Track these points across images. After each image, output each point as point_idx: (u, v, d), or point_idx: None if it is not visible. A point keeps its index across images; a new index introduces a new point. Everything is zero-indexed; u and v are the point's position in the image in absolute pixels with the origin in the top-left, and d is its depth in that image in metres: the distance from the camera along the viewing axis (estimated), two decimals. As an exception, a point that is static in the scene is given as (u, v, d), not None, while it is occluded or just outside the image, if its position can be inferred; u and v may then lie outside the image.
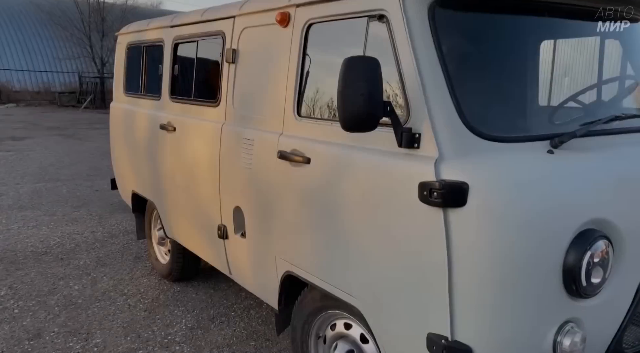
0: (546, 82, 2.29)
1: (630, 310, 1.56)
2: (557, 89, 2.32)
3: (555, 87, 2.31)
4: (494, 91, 1.80)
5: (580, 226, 1.44)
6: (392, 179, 1.65)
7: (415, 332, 1.60)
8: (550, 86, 2.24)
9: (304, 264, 2.06)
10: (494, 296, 1.43)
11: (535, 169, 1.49)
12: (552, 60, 2.27)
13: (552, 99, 2.23)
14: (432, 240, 1.52)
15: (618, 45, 2.31)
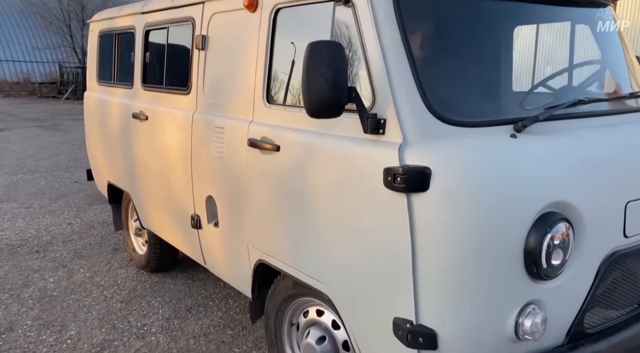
0: (512, 68, 2.29)
1: (591, 291, 1.58)
2: (524, 74, 2.32)
3: (521, 72, 2.31)
4: (459, 76, 1.79)
5: (541, 209, 1.44)
6: (359, 166, 1.64)
7: (382, 317, 1.60)
8: (516, 72, 2.24)
9: (275, 252, 2.05)
10: (457, 280, 1.44)
11: (498, 153, 1.49)
12: (519, 45, 2.27)
13: (517, 84, 2.23)
14: (396, 225, 1.52)
15: (588, 30, 2.31)
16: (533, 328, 1.46)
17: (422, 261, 1.48)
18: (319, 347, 1.99)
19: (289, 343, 2.21)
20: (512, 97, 2.09)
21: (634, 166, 1.66)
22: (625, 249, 1.64)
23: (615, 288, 1.69)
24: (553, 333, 1.57)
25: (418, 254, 1.48)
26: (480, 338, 1.47)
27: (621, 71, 2.29)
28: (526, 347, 1.51)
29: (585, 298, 1.59)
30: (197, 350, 2.66)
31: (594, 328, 1.64)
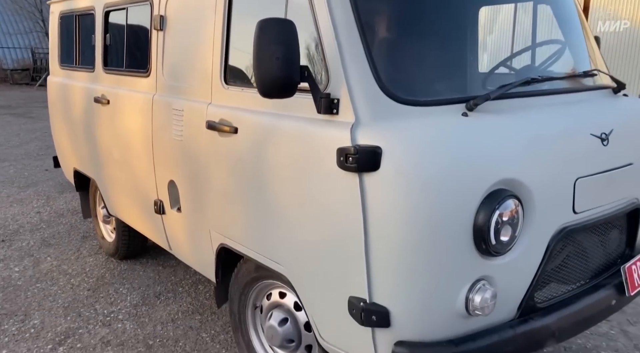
0: (475, 48, 2.29)
1: (541, 266, 1.60)
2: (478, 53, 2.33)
3: (476, 52, 2.31)
4: (412, 55, 1.78)
5: (490, 187, 1.45)
6: (314, 147, 1.63)
7: (338, 297, 1.61)
8: (471, 51, 2.24)
9: (236, 236, 2.04)
10: (408, 258, 1.45)
11: (448, 132, 1.49)
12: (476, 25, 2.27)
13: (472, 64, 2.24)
14: (349, 205, 1.51)
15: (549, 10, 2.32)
16: (483, 304, 1.48)
17: (374, 240, 1.48)
18: (281, 328, 2.00)
19: (253, 327, 2.21)
20: (472, 77, 2.09)
21: (584, 143, 1.68)
22: (575, 225, 1.66)
23: (566, 263, 1.73)
24: (504, 308, 1.60)
25: (370, 233, 1.49)
26: (431, 315, 1.49)
27: (581, 50, 2.30)
28: (477, 322, 1.54)
29: (536, 273, 1.61)
30: (164, 335, 2.65)
31: (544, 303, 1.68)
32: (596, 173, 1.70)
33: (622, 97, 2.05)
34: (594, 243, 1.82)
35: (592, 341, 2.55)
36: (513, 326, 1.56)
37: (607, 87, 2.06)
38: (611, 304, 1.79)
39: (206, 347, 2.55)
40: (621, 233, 1.95)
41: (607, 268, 1.92)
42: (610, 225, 1.87)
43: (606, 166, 1.73)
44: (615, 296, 1.80)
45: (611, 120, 1.80)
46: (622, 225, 1.94)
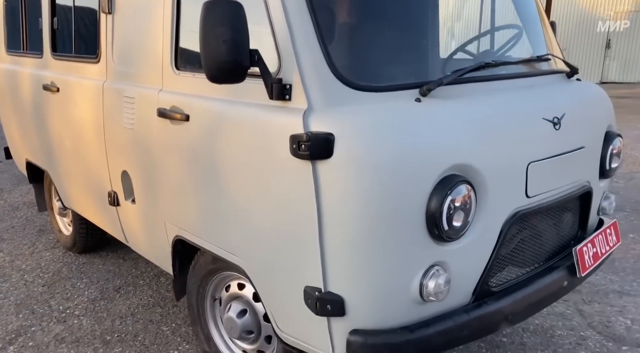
0: (435, 33, 2.27)
1: (495, 251, 1.62)
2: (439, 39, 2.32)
3: (437, 37, 2.30)
4: (366, 39, 1.74)
5: (442, 172, 1.45)
6: (266, 134, 1.58)
7: (294, 287, 1.59)
8: (431, 36, 2.23)
9: (191, 227, 1.98)
10: (361, 246, 1.43)
11: (401, 117, 1.47)
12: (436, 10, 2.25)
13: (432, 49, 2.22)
14: (303, 193, 1.48)
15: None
16: (437, 290, 1.48)
17: (328, 228, 1.46)
18: (240, 320, 1.96)
19: (212, 319, 2.17)
20: (430, 63, 2.07)
21: (536, 127, 1.69)
22: (528, 209, 1.68)
23: (519, 247, 1.75)
24: (459, 293, 1.60)
25: (324, 221, 1.46)
26: (386, 302, 1.48)
27: (537, 36, 2.32)
28: (432, 308, 1.54)
29: (489, 258, 1.63)
30: (122, 330, 2.57)
31: (499, 287, 1.70)
32: (548, 157, 1.72)
33: (574, 82, 2.08)
34: (547, 227, 1.85)
35: (549, 321, 2.63)
36: (467, 311, 1.57)
37: (561, 71, 2.09)
38: (563, 286, 1.83)
39: (167, 340, 2.49)
40: (574, 216, 1.99)
41: (561, 250, 1.96)
42: (563, 208, 1.90)
43: (558, 150, 1.76)
44: (567, 278, 1.84)
45: (563, 104, 1.82)
46: (575, 207, 1.98)
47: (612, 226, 2.09)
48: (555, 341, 2.46)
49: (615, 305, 2.80)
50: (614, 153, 2.07)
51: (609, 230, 2.06)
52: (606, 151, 2.03)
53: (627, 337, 2.49)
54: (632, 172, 5.44)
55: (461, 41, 2.33)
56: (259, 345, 1.99)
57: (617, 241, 2.11)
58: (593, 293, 2.92)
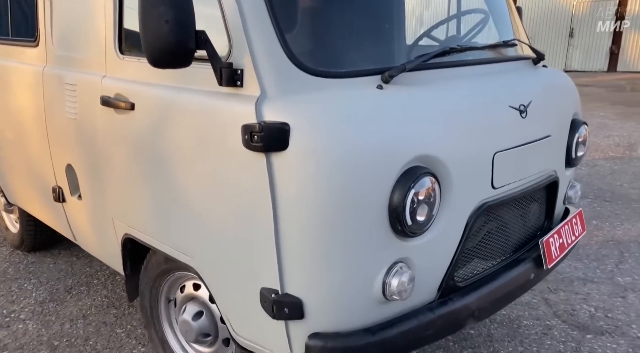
0: (400, 18, 2.18)
1: (460, 245, 1.55)
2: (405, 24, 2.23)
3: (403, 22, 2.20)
4: (325, 21, 1.63)
5: (405, 164, 1.36)
6: (216, 124, 1.45)
7: (250, 289, 1.48)
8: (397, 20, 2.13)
9: (140, 225, 1.84)
10: (320, 244, 1.33)
11: (361, 106, 1.37)
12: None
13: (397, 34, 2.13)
14: (257, 188, 1.37)
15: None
16: (400, 288, 1.40)
17: (284, 226, 1.35)
18: (196, 323, 1.84)
19: (167, 322, 2.04)
20: (395, 48, 1.98)
21: (502, 116, 1.62)
22: (494, 200, 1.62)
23: (486, 240, 1.69)
24: (424, 289, 1.53)
25: (280, 218, 1.35)
26: (347, 303, 1.39)
27: (503, 21, 2.25)
28: (396, 307, 1.46)
29: (455, 252, 1.56)
30: (72, 334, 2.41)
31: (465, 282, 1.63)
32: (515, 146, 1.65)
33: (541, 69, 2.03)
34: (513, 218, 1.79)
35: (515, 311, 2.61)
36: (432, 308, 1.50)
37: (527, 58, 2.03)
38: (530, 278, 1.79)
39: (120, 343, 2.35)
40: (540, 206, 1.95)
41: (527, 241, 1.92)
42: (530, 199, 1.85)
43: (525, 139, 1.69)
44: (533, 270, 1.80)
45: (530, 91, 1.75)
46: (541, 197, 1.94)
47: (578, 215, 2.07)
48: (521, 332, 2.45)
49: (579, 293, 2.81)
50: (579, 141, 2.04)
51: (574, 220, 2.03)
52: (572, 139, 1.99)
53: (591, 325, 2.50)
54: (594, 159, 5.55)
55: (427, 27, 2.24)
56: (217, 348, 1.88)
57: (583, 230, 2.09)
58: (558, 281, 2.93)
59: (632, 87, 10.80)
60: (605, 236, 3.55)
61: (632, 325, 2.50)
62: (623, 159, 5.56)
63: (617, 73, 14.01)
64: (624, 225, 3.74)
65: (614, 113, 8.14)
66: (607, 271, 3.06)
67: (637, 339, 2.38)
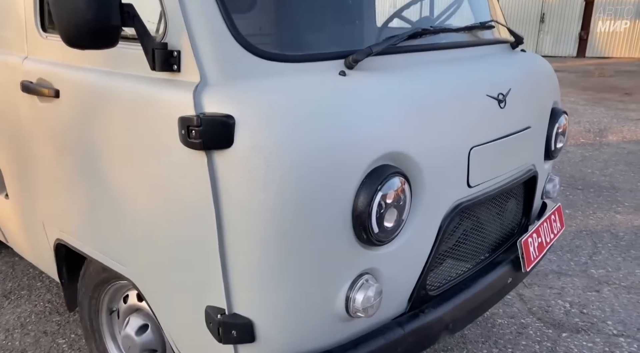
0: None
1: (433, 250, 1.38)
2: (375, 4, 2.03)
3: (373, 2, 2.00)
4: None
5: (371, 163, 1.17)
6: (151, 115, 1.23)
7: (193, 306, 1.28)
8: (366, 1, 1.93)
9: (72, 229, 1.61)
10: (272, 257, 1.14)
11: (321, 95, 1.17)
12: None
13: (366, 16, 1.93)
14: (197, 192, 1.16)
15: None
16: (366, 304, 1.23)
17: (229, 236, 1.15)
18: (139, 338, 1.63)
19: (110, 335, 1.83)
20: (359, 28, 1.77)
21: (479, 106, 1.45)
22: (470, 200, 1.46)
23: (460, 243, 1.54)
24: (393, 302, 1.37)
25: (224, 228, 1.15)
26: (304, 322, 1.21)
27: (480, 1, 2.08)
28: (361, 324, 1.30)
29: (427, 259, 1.39)
30: (6, 347, 2.17)
31: (437, 290, 1.48)
32: (493, 139, 1.49)
33: (519, 53, 1.86)
34: (490, 217, 1.64)
35: (490, 309, 2.50)
36: (401, 324, 1.33)
37: (505, 41, 1.86)
38: (507, 283, 1.65)
39: (62, 356, 2.12)
40: (517, 203, 1.81)
41: (504, 241, 1.78)
42: (507, 196, 1.71)
43: (503, 132, 1.53)
44: (511, 274, 1.66)
45: (509, 78, 1.59)
46: (519, 194, 1.79)
47: (557, 211, 1.94)
48: (496, 331, 2.34)
49: (554, 287, 2.72)
50: (559, 132, 1.90)
51: (553, 216, 1.90)
52: (552, 130, 1.85)
53: (566, 322, 2.41)
54: (566, 146, 5.52)
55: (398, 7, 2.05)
56: (164, 365, 1.68)
57: (562, 227, 1.96)
58: (533, 275, 2.84)
59: (600, 72, 10.91)
60: (579, 226, 3.49)
61: (608, 321, 2.42)
62: (594, 145, 5.55)
63: (586, 58, 14.19)
64: (597, 214, 3.69)
65: (583, 99, 8.18)
66: (581, 263, 2.98)
67: (613, 336, 2.30)
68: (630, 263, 2.96)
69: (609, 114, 7.00)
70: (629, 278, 2.81)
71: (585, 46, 14.45)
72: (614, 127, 6.28)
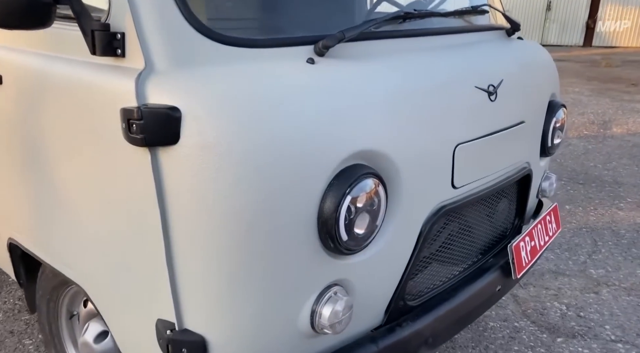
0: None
1: (412, 258, 1.25)
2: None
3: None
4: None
5: (340, 163, 1.04)
6: (93, 106, 1.10)
7: (143, 319, 1.16)
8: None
9: (22, 229, 1.49)
10: (227, 268, 1.01)
11: (284, 85, 1.03)
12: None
13: None
14: (142, 194, 1.03)
15: None
16: (333, 319, 1.10)
17: (178, 243, 1.02)
18: (98, 345, 1.51)
19: (71, 340, 1.71)
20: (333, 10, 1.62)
21: (466, 99, 1.30)
22: (455, 203, 1.32)
23: (444, 248, 1.40)
24: (368, 314, 1.24)
25: (172, 235, 1.02)
26: (264, 340, 1.08)
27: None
28: (329, 340, 1.17)
29: (406, 267, 1.26)
30: (-30, 348, 2.07)
31: (417, 300, 1.35)
32: (481, 136, 1.35)
33: (516, 41, 1.71)
34: (478, 219, 1.51)
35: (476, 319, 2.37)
36: (375, 339, 1.21)
37: (500, 28, 1.70)
38: (496, 291, 1.52)
39: (28, 358, 2.02)
40: (510, 203, 1.67)
41: (494, 244, 1.65)
42: (498, 196, 1.57)
43: (494, 127, 1.39)
44: (500, 281, 1.53)
45: (501, 69, 1.44)
46: (512, 193, 1.65)
47: (553, 211, 1.80)
48: (487, 335, 2.22)
49: (550, 288, 2.60)
50: (557, 127, 1.75)
51: (548, 217, 1.76)
52: (549, 124, 1.70)
53: (561, 326, 2.28)
54: (568, 138, 5.35)
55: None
56: (126, 374, 1.57)
57: (558, 228, 1.83)
58: (528, 275, 2.71)
59: (607, 62, 10.67)
60: (579, 223, 3.35)
61: (606, 325, 2.30)
62: (597, 137, 5.38)
63: (593, 48, 13.91)
64: (598, 210, 3.55)
65: (588, 89, 7.98)
66: (579, 262, 2.85)
67: (611, 342, 2.18)
68: (631, 263, 2.83)
69: (614, 106, 6.81)
70: (629, 279, 2.69)
71: (592, 34, 14.15)
72: (618, 119, 6.10)
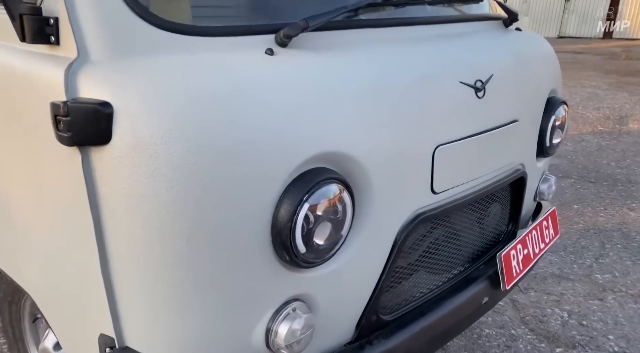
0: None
1: (385, 269, 1.13)
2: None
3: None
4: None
5: (299, 166, 0.92)
6: (26, 99, 1.00)
7: (88, 332, 1.06)
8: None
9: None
10: (168, 280, 0.91)
11: (236, 78, 0.91)
12: None
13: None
14: (75, 198, 0.93)
15: None
16: (290, 338, 0.99)
17: (114, 253, 0.93)
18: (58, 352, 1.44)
19: (35, 344, 1.63)
20: None
21: (449, 96, 1.17)
22: (434, 209, 1.19)
23: (424, 257, 1.28)
24: (336, 330, 1.13)
25: (108, 244, 0.92)
26: (211, 360, 0.98)
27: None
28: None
29: (379, 279, 1.14)
30: (-58, 346, 2.01)
31: (392, 314, 1.23)
32: (466, 136, 1.21)
33: (513, 32, 1.56)
34: (464, 226, 1.38)
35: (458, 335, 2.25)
36: (342, 358, 1.10)
37: (496, 18, 1.55)
38: (482, 303, 1.40)
39: (0, 358, 1.96)
40: (503, 208, 1.54)
41: (484, 251, 1.52)
42: (488, 201, 1.44)
43: (481, 127, 1.25)
44: (487, 292, 1.41)
45: (492, 63, 1.29)
46: (504, 197, 1.52)
47: (550, 216, 1.66)
48: (481, 343, 2.10)
49: (552, 293, 2.46)
50: (556, 125, 1.60)
51: (545, 223, 1.62)
52: (547, 123, 1.55)
53: (562, 335, 2.15)
54: (581, 134, 5.14)
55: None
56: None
57: (556, 234, 1.69)
58: (530, 278, 2.57)
59: (627, 55, 10.31)
60: (587, 224, 3.19)
61: (609, 335, 2.16)
62: (612, 134, 5.16)
63: (613, 40, 13.47)
64: (608, 210, 3.37)
65: (606, 83, 7.70)
66: (585, 266, 2.70)
67: (614, 355, 2.04)
68: (641, 269, 2.68)
69: (632, 100, 6.55)
70: (637, 285, 2.53)
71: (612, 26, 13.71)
72: (636, 115, 5.85)
